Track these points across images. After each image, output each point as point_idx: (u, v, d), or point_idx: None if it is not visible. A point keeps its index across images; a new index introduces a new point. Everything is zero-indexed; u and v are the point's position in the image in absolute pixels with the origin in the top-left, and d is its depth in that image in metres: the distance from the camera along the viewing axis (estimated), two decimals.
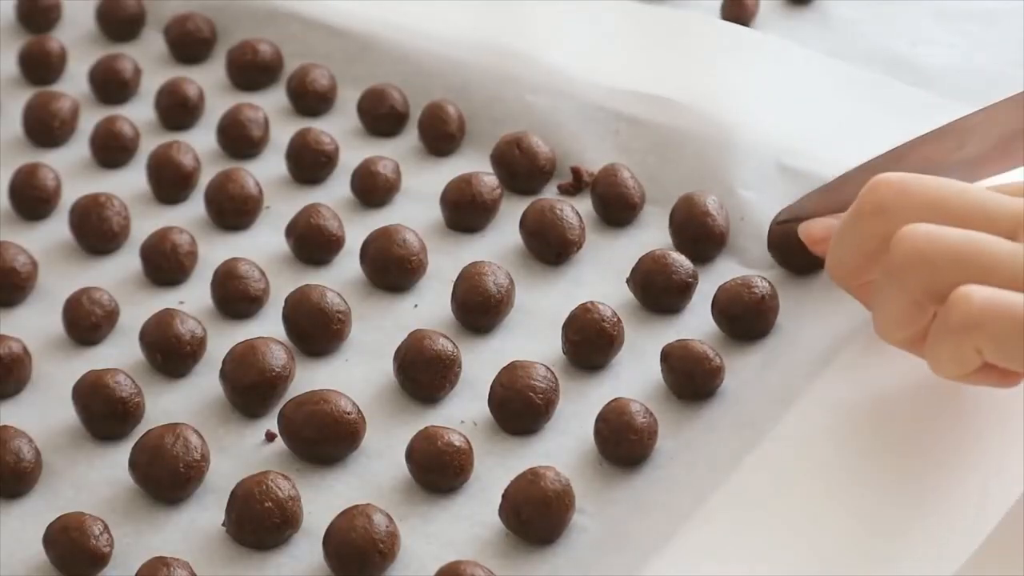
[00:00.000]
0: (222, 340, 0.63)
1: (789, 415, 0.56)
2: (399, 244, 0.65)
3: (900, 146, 0.59)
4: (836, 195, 0.60)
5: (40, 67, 0.80)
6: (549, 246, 0.66)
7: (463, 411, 0.60)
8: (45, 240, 0.70)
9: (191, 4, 0.83)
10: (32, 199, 0.71)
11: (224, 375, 0.60)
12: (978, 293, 0.48)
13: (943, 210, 0.51)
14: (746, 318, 0.61)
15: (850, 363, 0.58)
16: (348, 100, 0.77)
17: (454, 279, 0.64)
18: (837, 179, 0.61)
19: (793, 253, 0.63)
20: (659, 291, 0.63)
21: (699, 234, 0.66)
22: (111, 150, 0.74)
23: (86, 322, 0.64)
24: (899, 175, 0.53)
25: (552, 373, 0.59)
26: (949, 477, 0.53)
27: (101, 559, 0.54)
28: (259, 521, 0.54)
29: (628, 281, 0.64)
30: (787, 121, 0.70)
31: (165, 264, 0.67)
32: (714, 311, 0.62)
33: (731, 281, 0.62)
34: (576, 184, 0.71)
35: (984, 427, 0.54)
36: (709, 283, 0.64)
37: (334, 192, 0.72)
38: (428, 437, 0.57)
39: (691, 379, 0.59)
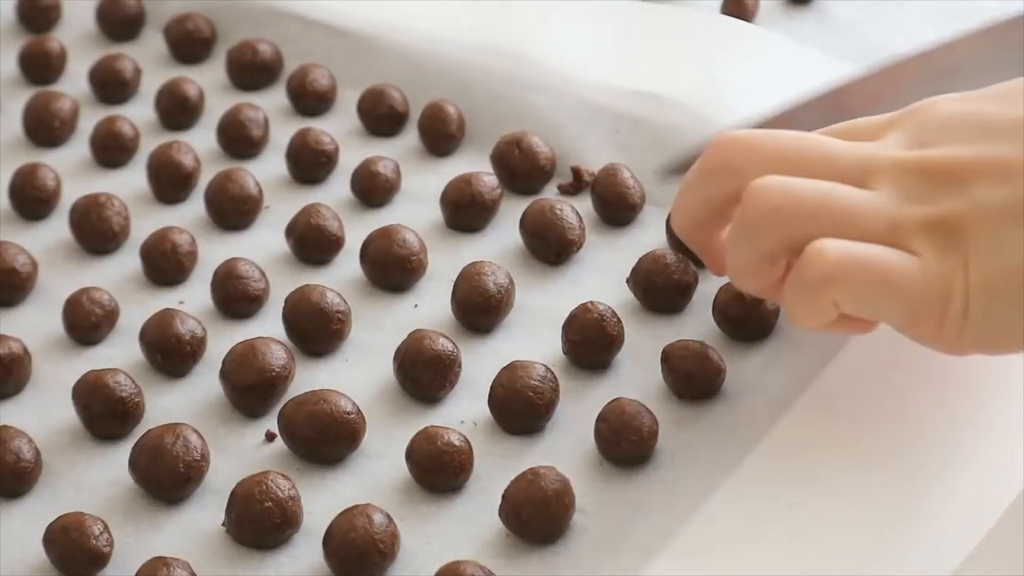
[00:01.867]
0: (222, 340, 0.63)
1: (789, 415, 0.56)
2: (399, 244, 0.65)
3: (781, 110, 0.60)
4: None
5: (40, 67, 0.80)
6: (549, 246, 0.66)
7: (463, 411, 0.60)
8: (45, 240, 0.70)
9: (191, 4, 0.83)
10: (32, 199, 0.71)
11: (224, 375, 0.60)
12: (832, 247, 0.48)
13: (791, 163, 0.51)
14: (747, 319, 0.61)
15: (849, 364, 0.58)
16: (348, 100, 0.77)
17: (454, 279, 0.64)
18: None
19: None
20: (659, 291, 0.63)
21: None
22: (111, 150, 0.74)
23: (86, 322, 0.64)
24: (742, 132, 0.53)
25: (552, 373, 0.59)
26: (947, 477, 0.53)
27: (101, 559, 0.54)
28: (259, 521, 0.54)
29: (628, 281, 0.64)
30: None
31: (165, 264, 0.67)
32: (715, 312, 0.62)
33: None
34: (576, 184, 0.71)
35: (982, 427, 0.54)
36: (709, 283, 0.64)
37: (334, 192, 0.72)
38: (428, 437, 0.57)
39: (691, 379, 0.59)
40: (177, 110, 0.76)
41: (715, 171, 0.53)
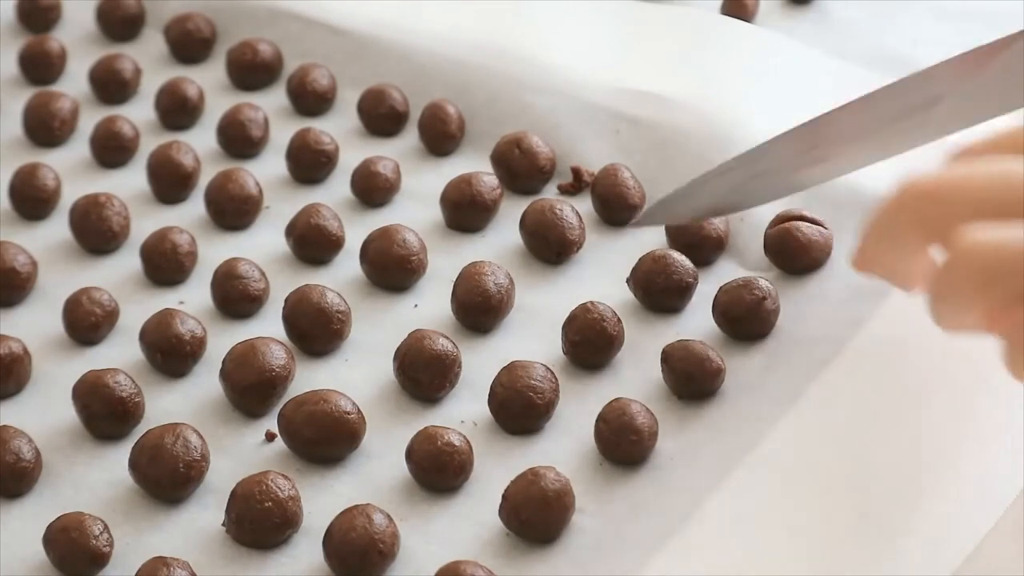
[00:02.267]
0: (222, 340, 0.63)
1: (789, 415, 0.56)
2: (399, 244, 0.65)
3: (756, 148, 0.57)
4: (695, 201, 0.58)
5: (40, 67, 0.80)
6: (549, 246, 0.66)
7: (463, 411, 0.60)
8: (45, 240, 0.70)
9: (191, 4, 0.83)
10: (32, 199, 0.71)
11: (224, 375, 0.60)
12: None
13: (991, 206, 0.46)
14: (747, 319, 0.61)
15: (849, 364, 0.58)
16: (348, 100, 0.77)
17: (454, 279, 0.64)
18: (694, 181, 0.59)
19: (789, 256, 0.64)
20: (659, 291, 0.63)
21: (695, 240, 0.65)
22: (111, 150, 0.74)
23: (86, 322, 0.64)
24: (930, 182, 0.48)
25: (552, 373, 0.59)
26: (948, 476, 0.53)
27: (101, 559, 0.54)
28: (259, 521, 0.54)
29: (628, 281, 0.64)
30: (787, 121, 0.70)
31: (165, 264, 0.67)
32: (715, 312, 0.62)
33: (732, 282, 0.62)
34: (576, 184, 0.71)
35: (983, 425, 0.54)
36: (709, 284, 0.64)
37: (334, 192, 0.72)
38: (428, 437, 0.57)
39: (692, 380, 0.59)
40: (177, 110, 0.76)
41: (909, 225, 0.48)
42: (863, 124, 0.53)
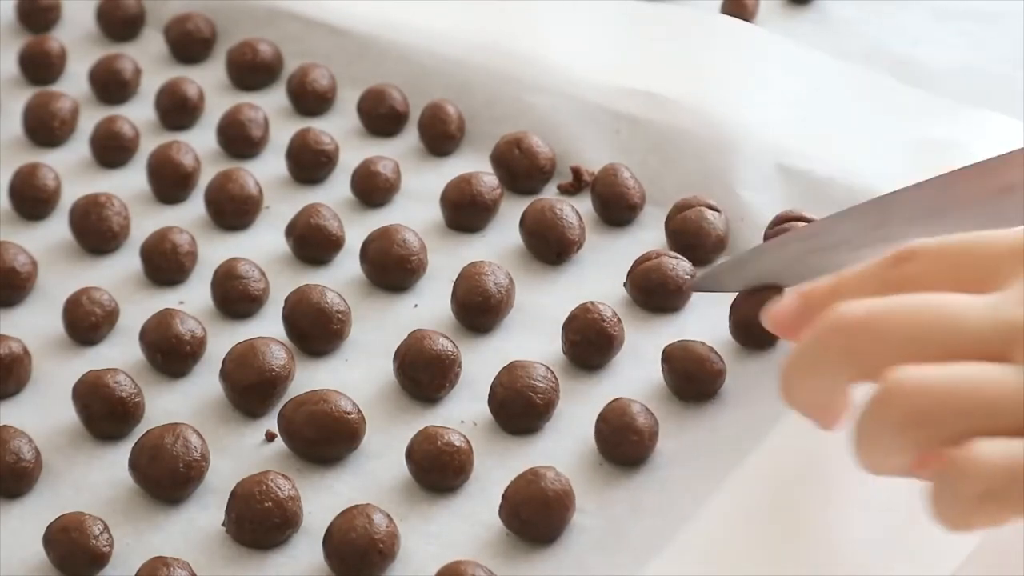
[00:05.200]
0: (222, 340, 0.63)
1: (789, 416, 0.56)
2: (399, 244, 0.65)
3: (824, 221, 0.55)
4: (758, 269, 0.57)
5: (40, 67, 0.80)
6: (549, 246, 0.66)
7: (463, 411, 0.60)
8: (45, 240, 0.70)
9: (191, 4, 0.83)
10: (32, 199, 0.71)
11: (224, 375, 0.60)
12: (992, 459, 0.42)
13: (920, 344, 0.44)
14: (758, 324, 0.60)
15: None
16: (348, 100, 0.77)
17: (454, 279, 0.64)
18: (753, 250, 0.58)
19: None
20: (655, 290, 0.63)
21: (696, 241, 0.65)
22: (111, 150, 0.74)
23: (86, 322, 0.64)
24: (861, 311, 0.45)
25: (552, 373, 0.59)
26: None
27: (101, 559, 0.54)
28: (259, 521, 0.54)
29: (625, 284, 0.64)
30: (787, 121, 0.70)
31: (165, 264, 0.67)
32: (731, 321, 0.61)
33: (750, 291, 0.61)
34: (576, 184, 0.71)
35: None
36: None
37: (334, 192, 0.72)
38: (428, 437, 0.57)
39: (692, 380, 0.59)
40: (177, 110, 0.76)
41: (836, 359, 0.46)
42: (933, 206, 0.51)
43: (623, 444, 0.57)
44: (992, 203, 0.52)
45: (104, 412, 0.59)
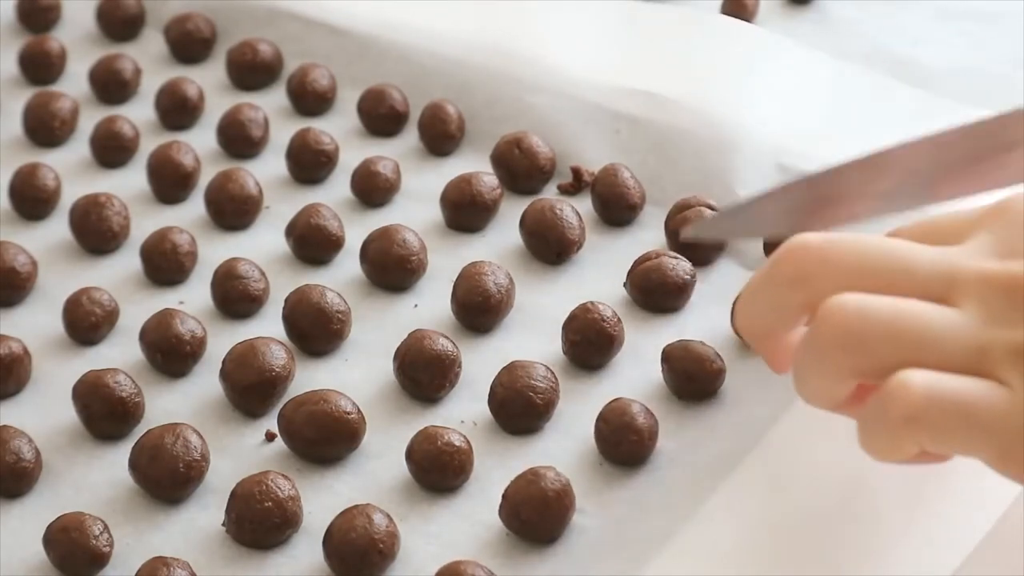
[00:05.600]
0: (222, 340, 0.63)
1: (789, 415, 0.56)
2: (399, 244, 0.65)
3: (822, 172, 0.54)
4: (754, 218, 0.56)
5: (40, 67, 0.80)
6: (549, 246, 0.66)
7: (463, 411, 0.60)
8: (45, 240, 0.70)
9: (191, 4, 0.83)
10: (32, 199, 0.71)
11: (224, 375, 0.60)
12: (917, 385, 0.44)
13: (869, 275, 0.47)
14: None
15: None
16: (348, 100, 0.77)
17: (454, 279, 0.64)
18: (753, 197, 0.58)
19: None
20: (655, 291, 0.63)
21: (694, 242, 0.65)
22: (111, 150, 0.74)
23: (86, 322, 0.64)
24: (818, 238, 0.48)
25: (552, 373, 0.59)
26: (947, 477, 0.53)
27: (101, 559, 0.54)
28: (259, 521, 0.54)
29: (625, 285, 0.64)
30: (787, 121, 0.70)
31: (165, 264, 0.67)
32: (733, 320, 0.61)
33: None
34: (576, 184, 0.71)
35: None
36: (709, 284, 0.64)
37: (334, 192, 0.72)
38: (428, 437, 0.57)
39: (692, 380, 0.59)
40: (177, 110, 0.76)
41: (787, 281, 0.48)
42: (932, 162, 0.52)
43: (623, 444, 0.57)
44: (992, 160, 0.52)
45: (104, 412, 0.59)
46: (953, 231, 0.49)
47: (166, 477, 0.56)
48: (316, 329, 0.62)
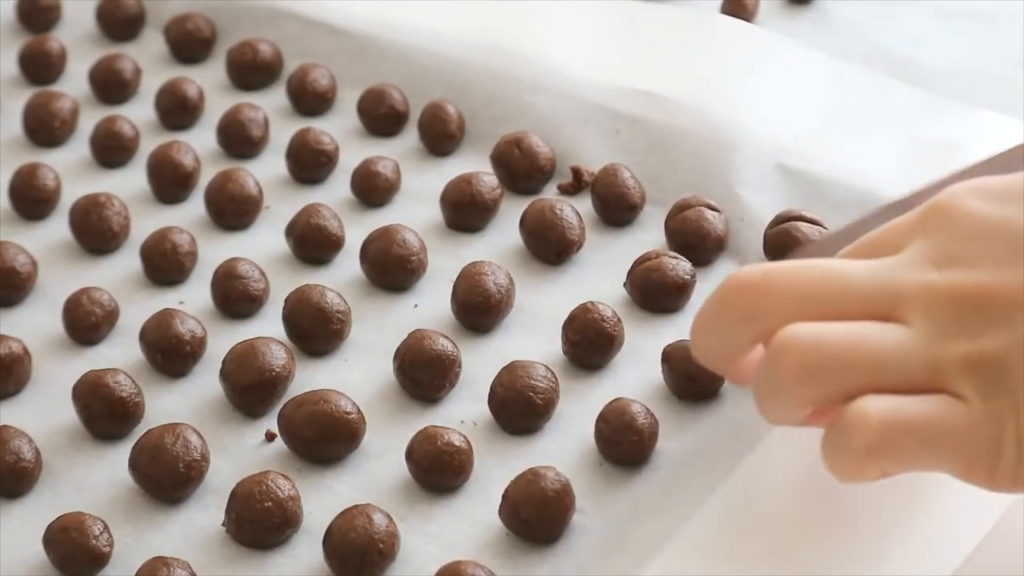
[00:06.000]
0: (222, 340, 0.63)
1: None
2: (399, 244, 0.65)
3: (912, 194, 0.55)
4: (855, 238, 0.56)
5: (40, 67, 0.80)
6: (549, 246, 0.66)
7: (463, 411, 0.60)
8: (45, 240, 0.70)
9: (191, 4, 0.83)
10: (32, 199, 0.71)
11: (224, 375, 0.60)
12: (875, 413, 0.45)
13: (814, 302, 0.47)
14: None
15: None
16: (348, 100, 0.77)
17: (454, 279, 0.64)
18: (861, 219, 0.56)
19: (789, 255, 0.63)
20: (655, 291, 0.63)
21: (695, 240, 0.65)
22: (111, 150, 0.74)
23: (86, 322, 0.64)
24: (758, 272, 0.48)
25: (552, 373, 0.59)
26: (947, 477, 0.52)
27: (101, 559, 0.54)
28: (259, 521, 0.54)
29: (625, 284, 0.64)
30: (787, 121, 0.70)
31: (165, 264, 0.67)
32: None
33: None
34: (576, 184, 0.71)
35: None
36: (709, 284, 0.64)
37: (334, 192, 0.72)
38: (428, 437, 0.57)
39: (692, 380, 0.59)
40: (177, 110, 0.76)
41: (737, 317, 0.48)
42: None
43: (623, 444, 0.57)
44: None
45: (104, 412, 0.59)
46: (893, 240, 0.49)
47: (166, 477, 0.56)
48: (316, 329, 0.62)
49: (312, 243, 0.67)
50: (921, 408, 0.45)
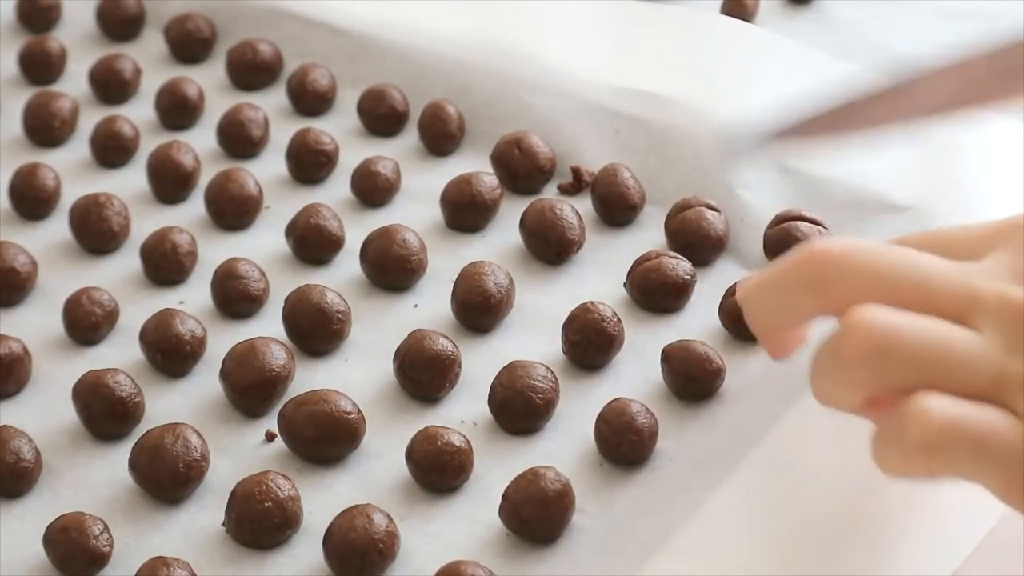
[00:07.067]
0: (222, 340, 0.63)
1: (789, 415, 0.56)
2: (399, 244, 0.65)
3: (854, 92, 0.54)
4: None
5: (40, 67, 0.80)
6: (549, 246, 0.66)
7: (463, 411, 0.60)
8: (45, 240, 0.70)
9: (191, 4, 0.83)
10: (32, 199, 0.71)
11: (224, 375, 0.60)
12: (937, 414, 0.44)
13: (889, 288, 0.46)
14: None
15: None
16: (348, 100, 0.77)
17: (454, 279, 0.64)
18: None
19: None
20: (655, 291, 0.63)
21: (695, 240, 0.65)
22: (111, 150, 0.74)
23: (86, 322, 0.64)
24: (841, 245, 0.47)
25: (552, 373, 0.59)
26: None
27: (101, 559, 0.54)
28: (259, 521, 0.54)
29: (625, 284, 0.64)
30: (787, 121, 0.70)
31: (165, 264, 0.67)
32: (721, 315, 0.62)
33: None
34: (576, 184, 0.71)
35: None
36: (709, 284, 0.64)
37: (334, 192, 0.72)
38: (428, 437, 0.57)
39: (692, 380, 0.59)
40: (177, 110, 0.76)
41: (805, 284, 0.48)
42: (961, 81, 0.52)
43: (623, 444, 0.57)
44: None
45: (104, 412, 0.59)
46: (968, 246, 0.48)
47: (166, 477, 0.56)
48: (316, 329, 0.62)
49: (312, 243, 0.67)
50: (981, 418, 0.44)
